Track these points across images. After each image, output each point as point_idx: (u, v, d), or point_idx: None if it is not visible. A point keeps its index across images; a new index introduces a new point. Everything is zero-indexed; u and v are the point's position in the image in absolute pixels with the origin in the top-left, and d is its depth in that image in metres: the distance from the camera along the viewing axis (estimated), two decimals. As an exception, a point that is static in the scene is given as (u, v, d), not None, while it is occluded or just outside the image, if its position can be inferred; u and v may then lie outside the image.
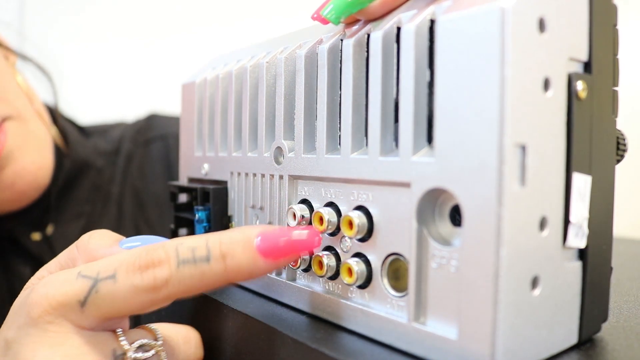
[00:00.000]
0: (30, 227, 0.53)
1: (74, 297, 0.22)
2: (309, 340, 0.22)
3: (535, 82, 0.18)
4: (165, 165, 0.63)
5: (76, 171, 0.57)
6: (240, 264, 0.22)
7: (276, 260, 0.22)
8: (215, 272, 0.22)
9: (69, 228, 0.56)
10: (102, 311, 0.22)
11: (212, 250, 0.22)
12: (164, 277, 0.22)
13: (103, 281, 0.22)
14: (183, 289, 0.22)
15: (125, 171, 0.62)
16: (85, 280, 0.22)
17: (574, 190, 0.19)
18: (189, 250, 0.22)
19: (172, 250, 0.22)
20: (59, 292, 0.22)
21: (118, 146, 0.63)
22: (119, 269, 0.22)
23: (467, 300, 0.18)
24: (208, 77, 0.33)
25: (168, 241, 0.23)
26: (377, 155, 0.22)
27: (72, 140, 0.57)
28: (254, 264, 0.22)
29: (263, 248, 0.22)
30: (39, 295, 0.23)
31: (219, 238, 0.22)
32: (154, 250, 0.22)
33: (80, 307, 0.22)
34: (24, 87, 0.51)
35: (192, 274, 0.22)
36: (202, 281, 0.22)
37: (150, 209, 0.61)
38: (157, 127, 0.66)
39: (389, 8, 0.22)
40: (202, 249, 0.22)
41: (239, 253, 0.22)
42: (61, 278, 0.23)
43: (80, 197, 0.58)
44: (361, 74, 0.23)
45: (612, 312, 0.25)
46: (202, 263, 0.22)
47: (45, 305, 0.22)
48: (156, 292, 0.22)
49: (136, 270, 0.22)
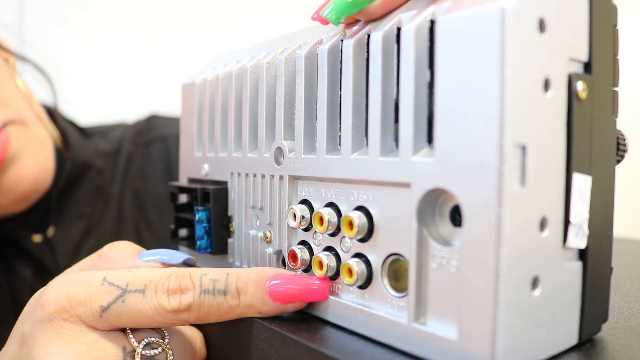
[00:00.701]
0: (31, 229, 0.53)
1: (96, 301, 0.23)
2: (309, 340, 0.22)
3: (535, 82, 0.18)
4: (165, 166, 0.63)
5: (77, 173, 0.57)
6: (251, 302, 0.24)
7: (285, 304, 0.24)
8: (230, 306, 0.24)
9: (70, 230, 0.56)
10: (121, 320, 0.23)
11: (230, 286, 0.24)
12: (187, 303, 0.23)
13: (132, 293, 0.23)
14: (200, 316, 0.24)
15: (126, 172, 0.62)
16: (112, 288, 0.23)
17: (574, 191, 0.19)
18: (210, 282, 0.24)
19: (197, 279, 0.24)
20: (80, 292, 0.23)
21: (118, 147, 0.63)
22: (149, 286, 0.23)
23: (467, 301, 0.18)
24: (208, 78, 0.33)
25: (194, 270, 0.24)
26: (377, 156, 0.22)
27: (73, 141, 0.57)
28: (264, 305, 0.24)
29: (274, 292, 0.24)
30: (58, 292, 0.24)
31: (237, 274, 0.24)
32: (182, 277, 0.24)
33: (101, 312, 0.23)
34: (23, 90, 0.50)
35: (210, 304, 0.24)
36: (217, 312, 0.24)
37: (151, 210, 0.61)
38: (158, 128, 0.66)
39: (389, 8, 0.22)
40: (222, 282, 0.24)
41: (251, 292, 0.24)
42: (85, 280, 0.24)
43: (80, 199, 0.57)
44: (361, 74, 0.23)
45: (612, 313, 0.25)
46: (220, 296, 0.24)
47: (64, 302, 0.23)
48: (177, 315, 0.23)
49: (165, 291, 0.23)
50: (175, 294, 0.23)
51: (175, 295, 0.23)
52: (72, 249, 0.55)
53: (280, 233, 0.27)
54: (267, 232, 0.28)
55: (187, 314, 0.23)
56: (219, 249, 0.31)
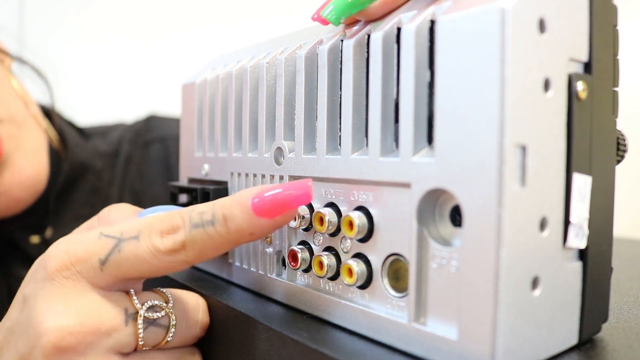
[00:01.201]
0: (29, 230, 0.53)
1: (95, 254, 0.23)
2: (309, 340, 0.22)
3: (535, 82, 0.18)
4: (164, 167, 0.63)
5: (75, 174, 0.57)
6: (239, 225, 0.23)
7: (272, 217, 0.23)
8: (221, 235, 0.23)
9: (69, 231, 0.55)
10: (122, 271, 0.23)
11: (216, 214, 0.23)
12: (181, 241, 0.23)
13: (126, 241, 0.23)
14: (197, 253, 0.23)
15: (125, 173, 0.62)
16: (108, 240, 0.23)
17: (574, 191, 0.19)
18: (198, 215, 0.23)
19: (186, 216, 0.23)
20: (79, 248, 0.24)
21: (117, 148, 0.63)
22: (142, 231, 0.23)
23: (467, 301, 0.18)
24: (208, 78, 0.33)
25: (184, 208, 0.24)
26: (377, 156, 0.22)
27: (71, 142, 0.57)
28: (252, 224, 0.23)
29: (257, 207, 0.23)
30: (58, 250, 0.24)
31: (223, 202, 0.23)
32: (173, 217, 0.23)
33: (101, 265, 0.23)
34: (19, 90, 0.50)
35: (202, 238, 0.23)
36: (211, 244, 0.23)
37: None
38: (156, 128, 0.66)
39: (389, 9, 0.22)
40: (209, 213, 0.23)
41: (237, 215, 0.23)
42: (83, 237, 0.24)
43: (79, 200, 0.57)
44: (361, 74, 0.23)
45: (613, 313, 0.25)
46: (209, 226, 0.23)
47: (64, 259, 0.23)
48: (174, 255, 0.23)
49: (157, 233, 0.23)
50: (169, 235, 0.23)
51: (168, 235, 0.23)
52: None
53: (280, 233, 0.27)
54: (267, 232, 0.28)
55: (184, 253, 0.23)
56: (219, 249, 0.31)
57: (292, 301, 0.26)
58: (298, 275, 0.27)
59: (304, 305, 0.26)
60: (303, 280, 0.26)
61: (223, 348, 0.27)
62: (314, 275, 0.25)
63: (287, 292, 0.27)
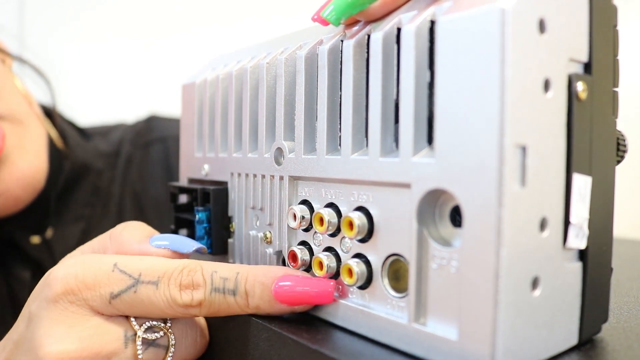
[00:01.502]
0: (29, 230, 0.53)
1: (106, 286, 0.23)
2: (309, 340, 0.22)
3: (535, 82, 0.18)
4: (164, 168, 0.63)
5: (76, 174, 0.56)
6: (258, 305, 0.24)
7: (292, 306, 0.24)
8: (238, 305, 0.24)
9: (69, 231, 0.56)
10: (132, 310, 0.24)
11: (239, 286, 0.24)
12: (199, 300, 0.24)
13: (145, 284, 0.23)
14: (209, 312, 0.24)
15: (125, 173, 0.62)
16: (124, 277, 0.24)
17: (574, 191, 0.19)
18: (221, 280, 0.24)
19: (208, 276, 0.24)
20: (89, 275, 0.24)
21: (118, 148, 0.63)
22: (162, 278, 0.24)
23: (468, 301, 0.18)
24: (208, 78, 0.33)
25: (205, 265, 0.24)
26: (377, 156, 0.22)
27: (72, 142, 0.57)
28: (270, 307, 0.24)
29: (280, 294, 0.24)
30: (66, 273, 0.24)
31: (247, 275, 0.24)
32: (195, 272, 0.24)
33: (110, 299, 0.23)
34: (21, 89, 0.50)
35: (220, 303, 0.24)
36: (227, 310, 0.24)
37: (150, 212, 0.61)
38: (157, 129, 0.66)
39: (389, 9, 0.22)
40: (232, 282, 0.24)
41: (258, 294, 0.24)
42: (95, 263, 0.24)
43: (80, 200, 0.57)
44: (361, 74, 0.23)
45: (612, 313, 0.25)
46: (229, 296, 0.24)
47: (71, 284, 0.23)
48: (188, 310, 0.24)
49: (177, 285, 0.24)
50: (188, 289, 0.24)
51: (188, 290, 0.24)
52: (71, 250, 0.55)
53: (280, 233, 0.27)
54: (267, 232, 0.28)
55: (197, 309, 0.24)
56: (219, 250, 0.31)
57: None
58: (298, 276, 0.27)
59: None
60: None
61: (223, 348, 0.27)
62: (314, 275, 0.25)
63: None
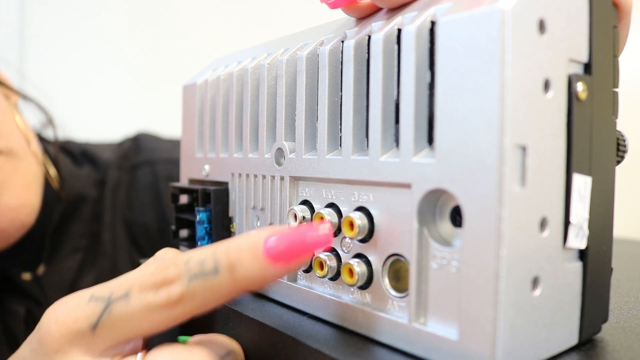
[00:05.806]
0: (21, 267, 0.52)
1: (85, 321, 0.21)
2: (310, 340, 0.22)
3: (535, 83, 0.18)
4: (153, 194, 0.60)
5: (71, 206, 0.55)
6: (249, 273, 0.20)
7: (288, 263, 0.20)
8: (226, 284, 0.21)
9: (65, 265, 0.54)
10: (117, 333, 0.22)
11: (220, 262, 0.21)
12: (178, 293, 0.21)
13: (116, 302, 0.21)
14: (198, 304, 0.21)
15: (114, 200, 0.59)
16: (97, 303, 0.22)
17: (574, 191, 0.20)
18: (197, 264, 0.21)
19: (182, 265, 0.21)
20: (69, 317, 0.22)
21: (105, 173, 0.60)
22: (132, 287, 0.21)
23: (468, 301, 0.18)
24: (209, 79, 0.33)
25: (178, 257, 0.22)
26: (377, 156, 0.22)
27: (67, 174, 0.55)
28: (264, 271, 0.20)
29: (273, 252, 0.20)
30: (49, 321, 0.22)
31: (226, 247, 0.21)
32: (166, 268, 0.21)
33: (92, 331, 0.21)
34: (22, 127, 0.49)
35: (203, 289, 0.21)
36: (214, 294, 0.21)
37: (142, 241, 0.58)
38: (144, 150, 0.63)
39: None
40: (210, 261, 0.21)
41: (247, 261, 0.20)
42: (72, 302, 0.22)
43: (76, 232, 0.56)
44: (362, 75, 0.23)
45: (613, 313, 0.25)
46: (211, 276, 0.21)
47: (54, 334, 0.22)
48: (171, 309, 0.21)
49: (150, 288, 0.21)
50: (163, 287, 0.21)
51: (162, 288, 0.21)
52: (69, 283, 0.54)
53: (281, 233, 0.27)
54: (268, 232, 0.28)
55: (182, 306, 0.21)
56: (219, 250, 0.31)
57: (292, 302, 0.26)
58: (298, 276, 0.27)
59: (304, 306, 0.26)
60: (303, 280, 0.26)
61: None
62: (315, 275, 0.25)
63: (288, 292, 0.27)
